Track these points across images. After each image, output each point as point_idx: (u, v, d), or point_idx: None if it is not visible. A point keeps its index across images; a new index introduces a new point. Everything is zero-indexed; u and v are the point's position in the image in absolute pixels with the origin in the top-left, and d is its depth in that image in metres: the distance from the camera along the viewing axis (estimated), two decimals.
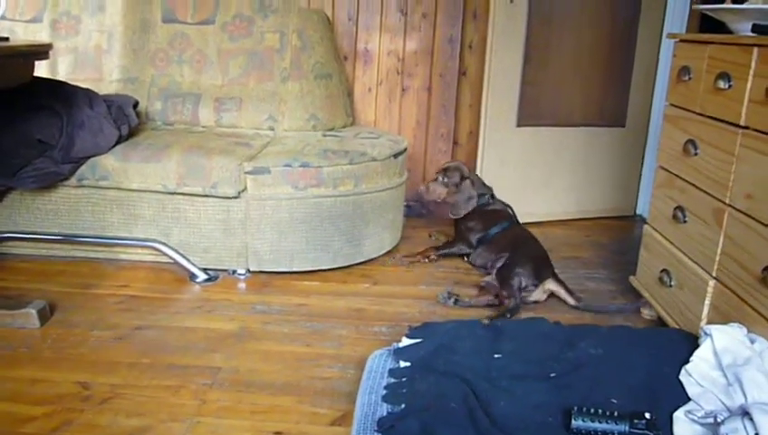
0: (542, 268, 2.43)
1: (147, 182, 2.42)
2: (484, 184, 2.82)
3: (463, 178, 2.75)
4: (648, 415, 1.39)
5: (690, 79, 1.99)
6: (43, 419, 1.59)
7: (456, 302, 2.33)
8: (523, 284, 2.35)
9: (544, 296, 2.39)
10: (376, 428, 1.43)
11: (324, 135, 2.85)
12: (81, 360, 1.86)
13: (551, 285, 2.39)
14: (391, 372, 1.62)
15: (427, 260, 2.74)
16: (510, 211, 2.78)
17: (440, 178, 2.78)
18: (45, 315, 2.06)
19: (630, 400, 1.49)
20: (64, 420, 1.58)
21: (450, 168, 2.80)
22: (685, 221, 1.98)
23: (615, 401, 1.49)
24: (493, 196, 2.80)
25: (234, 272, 2.51)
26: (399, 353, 1.69)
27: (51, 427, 1.56)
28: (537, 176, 3.29)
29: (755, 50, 1.65)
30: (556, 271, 2.46)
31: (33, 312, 2.02)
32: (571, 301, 2.35)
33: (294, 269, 2.51)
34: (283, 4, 3.01)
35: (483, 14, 3.21)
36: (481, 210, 2.73)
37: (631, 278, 2.37)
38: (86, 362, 1.84)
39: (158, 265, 2.53)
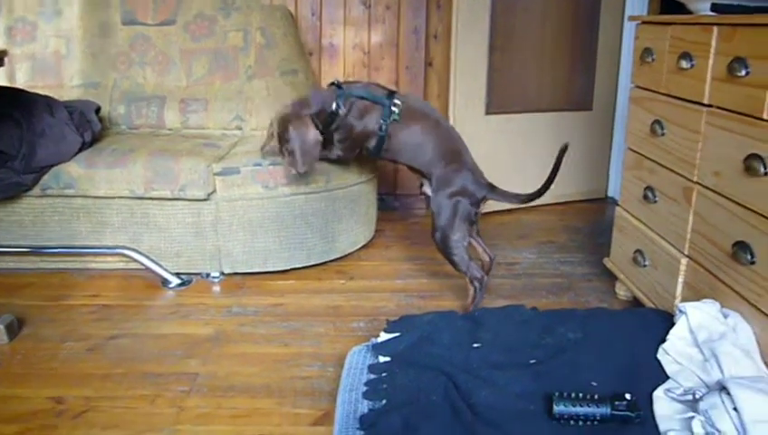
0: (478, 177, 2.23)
1: (113, 188, 2.37)
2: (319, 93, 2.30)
3: (286, 125, 2.18)
4: (628, 396, 1.40)
5: (653, 60, 2.00)
6: None
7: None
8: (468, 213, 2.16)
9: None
10: (358, 425, 1.42)
11: None
12: (52, 374, 1.81)
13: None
14: (371, 368, 1.61)
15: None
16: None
17: (271, 133, 2.32)
18: (14, 330, 2.01)
19: (610, 382, 1.49)
20: None
21: (273, 119, 2.30)
22: (655, 201, 1.99)
23: (595, 383, 1.49)
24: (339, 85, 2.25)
25: (207, 275, 2.48)
26: (378, 349, 1.67)
27: None
28: (509, 163, 3.29)
29: (715, 29, 1.66)
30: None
31: (1, 327, 1.96)
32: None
33: (268, 269, 2.48)
34: (244, 2, 2.97)
35: (446, 3, 3.20)
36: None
37: (605, 260, 2.38)
38: (58, 376, 1.80)
39: (129, 272, 2.48)
